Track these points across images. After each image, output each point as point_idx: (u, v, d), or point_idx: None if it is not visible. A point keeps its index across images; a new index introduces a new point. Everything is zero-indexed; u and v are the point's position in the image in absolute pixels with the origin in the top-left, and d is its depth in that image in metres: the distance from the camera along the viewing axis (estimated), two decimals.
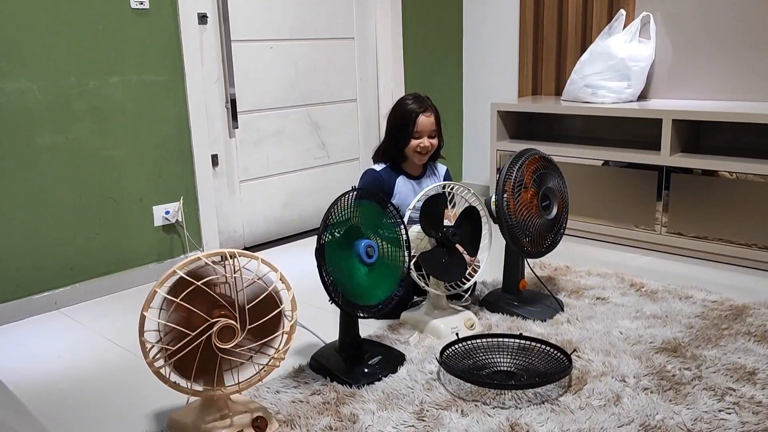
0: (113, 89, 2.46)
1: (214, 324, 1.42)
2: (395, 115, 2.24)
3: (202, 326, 1.41)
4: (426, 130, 2.19)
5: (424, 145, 2.19)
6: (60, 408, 1.74)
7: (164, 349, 1.43)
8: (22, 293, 2.33)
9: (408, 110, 2.20)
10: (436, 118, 2.22)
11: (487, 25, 3.65)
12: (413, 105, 2.20)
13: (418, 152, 2.21)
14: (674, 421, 1.52)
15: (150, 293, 1.41)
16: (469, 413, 1.59)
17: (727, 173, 2.57)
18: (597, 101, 3.01)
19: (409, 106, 2.21)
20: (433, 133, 2.21)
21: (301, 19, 3.08)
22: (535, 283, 2.32)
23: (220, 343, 1.43)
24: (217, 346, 1.43)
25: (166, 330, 1.43)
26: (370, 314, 1.77)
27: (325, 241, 1.68)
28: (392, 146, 2.24)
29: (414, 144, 2.19)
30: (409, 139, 2.19)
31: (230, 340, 1.44)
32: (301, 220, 3.25)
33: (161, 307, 1.44)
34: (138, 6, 2.47)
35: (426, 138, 2.19)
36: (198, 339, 1.41)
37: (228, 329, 1.44)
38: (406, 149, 2.21)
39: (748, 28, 2.78)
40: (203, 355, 1.44)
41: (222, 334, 1.43)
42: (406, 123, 2.19)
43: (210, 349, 1.43)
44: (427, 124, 2.19)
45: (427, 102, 2.22)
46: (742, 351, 1.85)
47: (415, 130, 2.18)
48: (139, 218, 2.60)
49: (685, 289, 2.31)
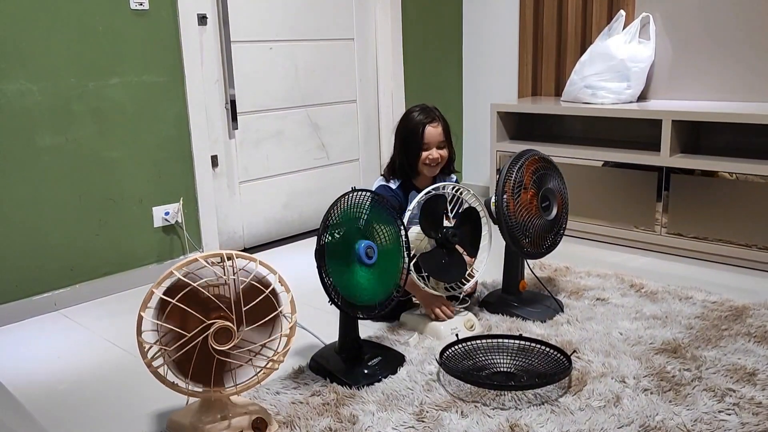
0: (113, 90, 2.46)
1: (210, 326, 1.42)
2: (402, 128, 2.19)
3: (198, 328, 1.41)
4: (434, 141, 2.13)
5: (433, 156, 2.14)
6: (60, 409, 1.74)
7: (162, 350, 1.43)
8: (22, 294, 2.33)
9: (415, 122, 2.14)
10: (444, 128, 2.16)
11: (486, 26, 3.65)
12: (420, 116, 2.15)
13: (427, 164, 2.15)
14: (674, 422, 1.52)
15: (147, 294, 1.42)
16: (469, 414, 1.59)
17: (727, 174, 2.57)
18: (597, 102, 3.01)
19: (415, 118, 2.15)
20: (441, 144, 2.15)
21: (301, 20, 3.08)
22: (535, 283, 2.32)
23: (217, 345, 1.43)
24: (213, 347, 1.43)
25: (164, 331, 1.43)
26: (369, 315, 1.77)
27: (325, 242, 1.68)
28: (404, 160, 2.17)
29: (423, 156, 2.13)
30: (419, 151, 2.14)
31: (227, 341, 1.44)
32: (301, 221, 3.25)
33: (158, 307, 1.44)
34: (138, 7, 2.47)
35: (435, 149, 2.14)
36: (194, 340, 1.41)
37: (225, 331, 1.43)
38: (418, 162, 2.15)
39: (748, 28, 2.78)
40: (200, 356, 1.43)
41: (219, 335, 1.43)
42: (413, 135, 2.13)
43: (207, 351, 1.43)
44: (434, 134, 2.13)
45: (434, 113, 2.16)
46: (742, 352, 1.85)
47: (423, 142, 2.13)
48: (138, 219, 2.60)
49: (685, 290, 2.31)
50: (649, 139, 2.95)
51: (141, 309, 1.41)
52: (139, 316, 1.42)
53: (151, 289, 1.42)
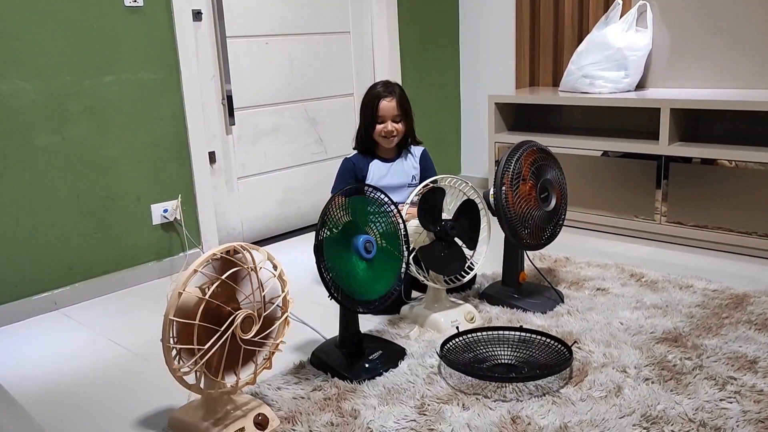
0: (108, 88, 2.45)
1: (236, 317, 1.42)
2: (362, 101, 2.33)
3: (228, 319, 1.41)
4: (388, 114, 2.26)
5: (388, 129, 2.27)
6: (60, 408, 1.74)
7: (197, 350, 1.39)
8: (22, 294, 2.33)
9: (371, 96, 2.28)
10: (400, 102, 2.28)
11: (483, 17, 3.64)
12: (377, 91, 2.28)
13: (383, 136, 2.29)
14: (675, 411, 1.52)
15: (173, 296, 1.38)
16: (471, 406, 1.59)
17: (726, 162, 2.56)
18: (594, 91, 3.00)
19: (373, 91, 2.29)
20: (397, 118, 2.28)
21: (296, 14, 3.06)
22: (535, 275, 2.32)
23: (243, 335, 1.44)
24: (241, 338, 1.44)
25: (179, 329, 1.41)
26: (369, 309, 1.77)
27: (323, 237, 1.68)
28: (363, 131, 2.33)
29: (379, 129, 2.28)
30: (374, 123, 2.27)
31: (249, 331, 1.45)
32: (299, 216, 3.25)
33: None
34: (132, 4, 2.46)
35: (390, 122, 2.27)
36: (225, 333, 1.41)
37: (248, 320, 1.45)
38: (374, 134, 2.29)
39: (746, 15, 2.77)
40: (230, 350, 1.44)
41: (243, 326, 1.44)
42: (369, 109, 2.28)
43: (235, 344, 1.44)
44: (388, 108, 2.26)
45: (391, 87, 2.29)
46: (743, 340, 1.85)
47: (378, 115, 2.26)
48: (137, 217, 2.60)
49: (686, 279, 2.31)
50: (647, 128, 2.94)
51: (170, 313, 1.38)
52: (168, 319, 1.38)
53: (179, 291, 1.39)
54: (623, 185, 2.85)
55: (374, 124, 2.28)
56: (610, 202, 2.91)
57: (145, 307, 2.39)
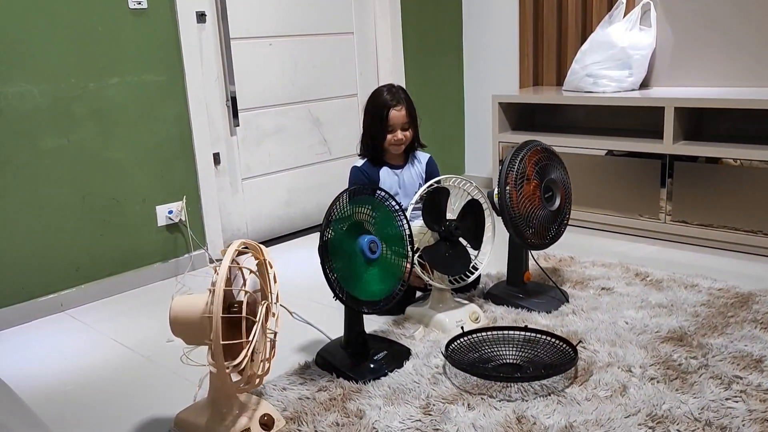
0: (113, 90, 2.46)
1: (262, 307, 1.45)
2: (369, 110, 2.29)
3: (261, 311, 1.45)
4: (398, 123, 2.23)
5: (398, 138, 2.24)
6: (67, 409, 1.75)
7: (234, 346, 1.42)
8: (28, 296, 2.34)
9: (380, 105, 2.24)
10: (408, 110, 2.25)
11: (486, 17, 3.64)
12: (384, 99, 2.24)
13: (393, 145, 2.27)
14: (681, 411, 1.52)
15: (217, 294, 1.38)
16: (476, 406, 1.59)
17: (730, 160, 2.55)
18: (598, 90, 3.00)
19: (380, 100, 2.25)
20: (406, 125, 2.25)
21: (299, 15, 3.07)
22: (540, 274, 2.32)
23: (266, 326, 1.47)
24: (267, 328, 1.47)
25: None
26: (374, 309, 1.77)
27: (328, 237, 1.68)
28: (370, 140, 2.30)
29: (389, 138, 2.25)
30: (384, 133, 2.24)
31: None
32: (303, 217, 3.26)
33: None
34: (136, 6, 2.47)
35: (399, 131, 2.24)
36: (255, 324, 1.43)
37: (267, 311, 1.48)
38: (384, 143, 2.27)
39: (749, 13, 2.76)
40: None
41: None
42: (379, 119, 2.24)
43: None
44: (398, 117, 2.23)
45: (398, 94, 2.26)
46: (749, 338, 1.84)
47: (388, 125, 2.23)
48: (142, 218, 2.61)
49: (691, 278, 2.30)
50: (651, 126, 2.94)
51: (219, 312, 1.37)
52: (216, 318, 1.37)
53: (222, 288, 1.39)
54: (628, 184, 2.85)
55: (384, 134, 2.24)
56: (615, 201, 2.91)
57: (151, 309, 2.40)
